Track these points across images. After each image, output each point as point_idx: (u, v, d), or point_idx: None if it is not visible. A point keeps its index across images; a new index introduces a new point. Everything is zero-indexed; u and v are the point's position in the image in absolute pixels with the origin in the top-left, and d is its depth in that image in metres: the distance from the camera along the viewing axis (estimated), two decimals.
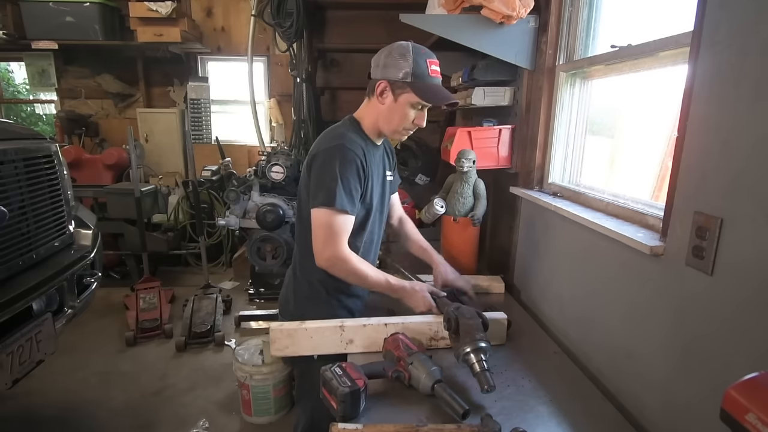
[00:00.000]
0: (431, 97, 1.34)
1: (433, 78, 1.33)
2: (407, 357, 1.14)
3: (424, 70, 1.31)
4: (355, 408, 1.03)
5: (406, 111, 1.34)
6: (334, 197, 1.27)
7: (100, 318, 3.25)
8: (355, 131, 1.40)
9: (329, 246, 1.30)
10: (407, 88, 1.31)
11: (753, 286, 0.84)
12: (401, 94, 1.33)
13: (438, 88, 1.35)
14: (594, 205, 1.47)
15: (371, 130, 1.42)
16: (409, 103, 1.33)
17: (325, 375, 1.07)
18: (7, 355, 1.46)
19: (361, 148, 1.35)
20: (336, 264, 1.32)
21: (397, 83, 1.32)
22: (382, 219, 1.54)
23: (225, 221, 2.97)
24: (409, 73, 1.30)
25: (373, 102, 1.38)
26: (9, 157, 1.60)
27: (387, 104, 1.35)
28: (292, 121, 3.71)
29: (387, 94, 1.34)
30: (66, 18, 3.92)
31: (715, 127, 0.93)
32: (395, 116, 1.36)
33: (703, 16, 0.96)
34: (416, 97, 1.31)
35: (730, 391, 0.54)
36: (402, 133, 1.41)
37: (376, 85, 1.35)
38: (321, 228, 1.30)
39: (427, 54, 1.33)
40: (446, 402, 1.04)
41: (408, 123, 1.37)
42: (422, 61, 1.31)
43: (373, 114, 1.40)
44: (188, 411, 2.32)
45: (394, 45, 1.34)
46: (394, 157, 1.61)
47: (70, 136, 4.40)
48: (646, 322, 1.13)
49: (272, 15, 3.21)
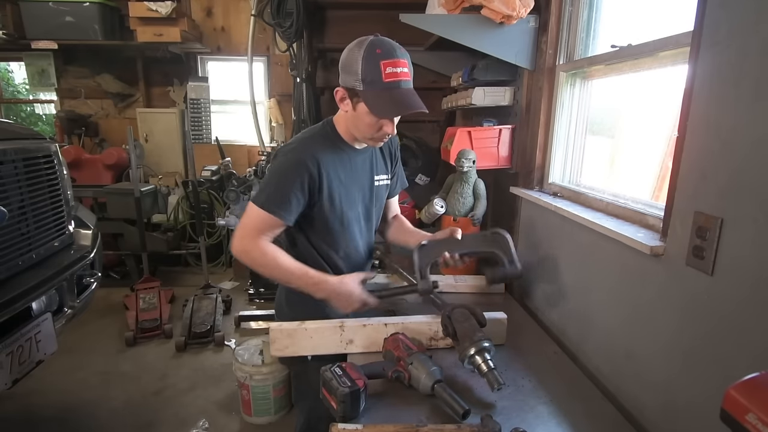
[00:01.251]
0: (381, 109, 1.16)
1: (388, 84, 1.13)
2: (407, 357, 1.13)
3: (376, 75, 1.12)
4: (355, 408, 1.02)
5: (368, 119, 1.19)
6: (263, 196, 1.24)
7: (100, 318, 3.25)
8: (325, 136, 1.31)
9: (244, 239, 1.25)
10: (360, 97, 1.17)
11: (753, 286, 0.84)
12: (357, 102, 1.19)
13: (396, 97, 1.15)
14: (594, 205, 1.47)
15: (346, 134, 1.31)
16: (367, 112, 1.18)
17: (324, 375, 1.06)
18: (6, 355, 1.46)
19: (317, 158, 1.24)
20: (243, 255, 1.26)
21: (352, 91, 1.18)
22: (369, 226, 1.44)
23: (225, 221, 2.97)
24: (359, 79, 1.14)
25: (340, 106, 1.26)
26: (9, 157, 1.60)
27: (349, 112, 1.23)
28: (292, 121, 3.71)
29: (346, 101, 1.21)
30: (66, 18, 3.91)
31: (715, 127, 0.93)
32: (360, 124, 1.23)
33: (703, 16, 0.96)
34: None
35: (730, 391, 0.54)
36: (376, 141, 1.29)
37: (335, 92, 1.23)
38: (244, 219, 1.27)
39: (384, 54, 1.13)
40: (446, 402, 1.03)
41: (375, 132, 1.23)
42: (373, 64, 1.12)
43: (343, 120, 1.29)
44: (188, 411, 2.32)
45: (354, 42, 1.18)
46: (394, 160, 1.49)
47: (69, 136, 4.39)
48: (646, 323, 1.13)
49: (272, 15, 3.21)
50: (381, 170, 1.43)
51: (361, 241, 1.42)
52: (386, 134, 1.25)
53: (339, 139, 1.31)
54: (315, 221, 1.32)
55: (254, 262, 1.26)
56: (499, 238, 1.31)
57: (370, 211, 1.42)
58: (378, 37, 1.16)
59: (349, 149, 1.33)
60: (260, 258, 1.26)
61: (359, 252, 1.43)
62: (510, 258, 1.27)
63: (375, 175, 1.41)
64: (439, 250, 1.30)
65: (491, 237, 1.32)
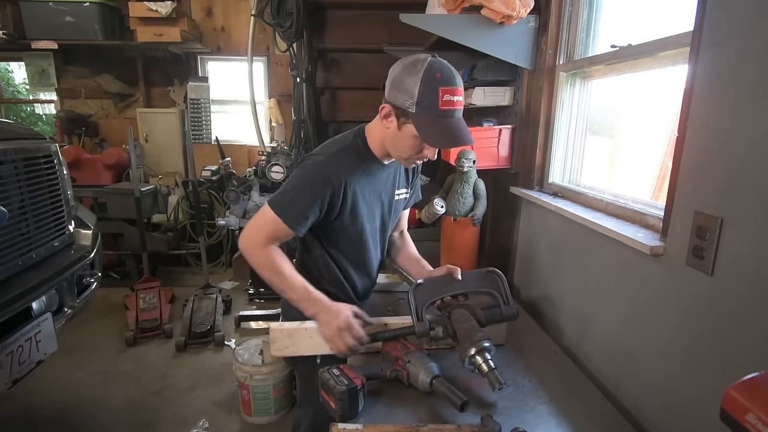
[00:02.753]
0: (432, 137, 1.13)
1: (443, 111, 1.10)
2: (405, 356, 1.14)
3: (433, 100, 1.08)
4: (354, 407, 1.03)
5: (411, 142, 1.16)
6: (283, 204, 1.21)
7: (100, 318, 3.25)
8: (357, 150, 1.27)
9: (253, 238, 1.24)
10: (410, 119, 1.12)
11: (753, 286, 0.84)
12: (405, 123, 1.14)
13: (447, 126, 1.12)
14: (594, 205, 1.47)
15: (378, 148, 1.26)
16: (414, 135, 1.14)
17: (322, 376, 1.07)
18: (6, 355, 1.46)
19: (344, 177, 1.22)
20: (250, 250, 1.24)
21: (401, 110, 1.13)
22: (383, 237, 1.44)
23: (225, 221, 2.97)
24: (414, 102, 1.09)
25: (381, 122, 1.21)
26: (9, 157, 1.60)
27: (392, 130, 1.18)
28: (292, 121, 3.71)
29: (392, 119, 1.16)
30: (66, 18, 3.92)
31: (715, 127, 0.93)
32: (400, 144, 1.19)
33: (703, 16, 0.96)
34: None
35: (730, 391, 0.54)
36: (410, 162, 1.25)
37: (380, 107, 1.18)
38: (258, 218, 1.25)
39: (444, 79, 1.09)
40: (445, 395, 1.04)
41: (414, 154, 1.20)
42: (432, 89, 1.08)
43: (379, 134, 1.24)
44: (188, 411, 2.32)
45: (409, 59, 1.12)
46: (416, 174, 1.47)
47: (69, 136, 4.40)
48: (646, 322, 1.13)
49: (272, 15, 3.21)
50: (402, 184, 1.42)
51: (374, 251, 1.42)
52: (424, 158, 1.22)
53: (369, 154, 1.27)
54: (333, 231, 1.32)
55: (258, 264, 1.25)
56: (494, 277, 1.29)
57: (386, 224, 1.42)
58: (437, 59, 1.12)
59: (377, 165, 1.30)
60: (264, 261, 1.24)
61: (371, 261, 1.43)
62: (505, 299, 1.25)
63: (396, 189, 1.40)
64: (435, 290, 1.27)
65: (486, 276, 1.30)
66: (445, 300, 1.27)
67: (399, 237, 1.60)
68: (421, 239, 2.30)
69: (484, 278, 1.30)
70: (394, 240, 1.58)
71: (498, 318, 1.24)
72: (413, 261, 1.51)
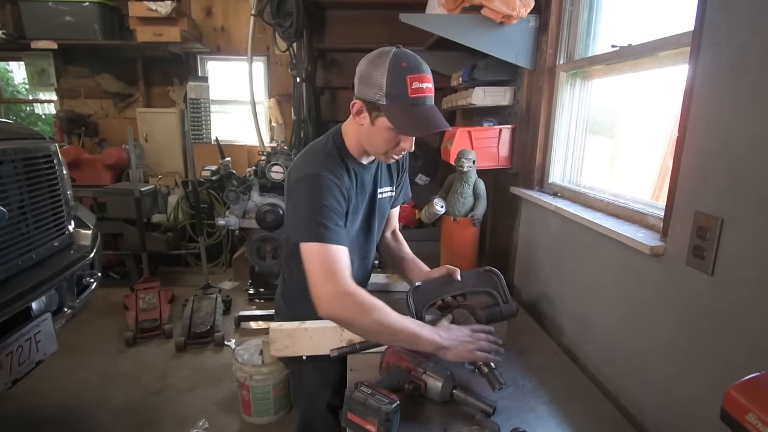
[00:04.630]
0: (405, 126, 1.10)
1: (414, 99, 1.08)
2: (417, 367, 1.10)
3: (402, 89, 1.07)
4: (396, 426, 0.96)
5: (386, 135, 1.13)
6: (323, 232, 1.10)
7: (100, 318, 3.25)
8: (335, 152, 1.22)
9: (329, 284, 1.07)
10: (382, 111, 1.10)
11: (753, 286, 0.84)
12: (377, 116, 1.11)
13: (420, 114, 1.09)
14: (594, 205, 1.47)
15: (355, 148, 1.24)
16: (388, 127, 1.11)
17: (355, 397, 0.97)
18: (6, 355, 1.46)
19: (339, 174, 1.18)
20: (341, 300, 1.06)
21: (372, 104, 1.10)
22: (370, 239, 1.39)
23: (225, 221, 2.97)
24: (383, 94, 1.07)
25: (354, 119, 1.18)
26: (8, 156, 1.60)
27: (365, 126, 1.15)
28: (292, 121, 3.71)
29: (364, 115, 1.14)
30: (65, 18, 3.91)
31: (715, 127, 0.93)
32: (375, 139, 1.16)
33: (703, 16, 0.96)
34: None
35: (730, 391, 0.54)
36: (389, 157, 1.21)
37: (351, 104, 1.15)
38: (309, 265, 1.10)
39: (410, 67, 1.08)
40: (470, 404, 1.05)
41: (392, 147, 1.17)
42: (400, 78, 1.06)
43: (355, 133, 1.21)
44: (188, 411, 2.32)
45: (374, 53, 1.11)
46: (401, 171, 1.44)
47: (69, 135, 4.39)
48: (647, 322, 1.13)
49: (272, 15, 3.21)
50: (385, 182, 1.38)
51: (360, 255, 1.37)
52: (402, 150, 1.19)
53: (347, 156, 1.24)
54: None
55: (357, 308, 1.06)
56: (492, 276, 1.28)
57: (371, 224, 1.37)
58: (402, 50, 1.10)
59: (357, 166, 1.26)
60: (359, 299, 1.06)
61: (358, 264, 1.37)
62: (504, 297, 1.25)
63: (378, 188, 1.36)
64: (434, 291, 1.26)
65: (485, 275, 1.30)
66: (445, 300, 1.27)
67: (392, 238, 1.55)
68: (421, 239, 2.30)
69: (482, 278, 1.30)
70: (388, 241, 1.54)
71: (498, 316, 1.24)
72: (409, 262, 1.47)
